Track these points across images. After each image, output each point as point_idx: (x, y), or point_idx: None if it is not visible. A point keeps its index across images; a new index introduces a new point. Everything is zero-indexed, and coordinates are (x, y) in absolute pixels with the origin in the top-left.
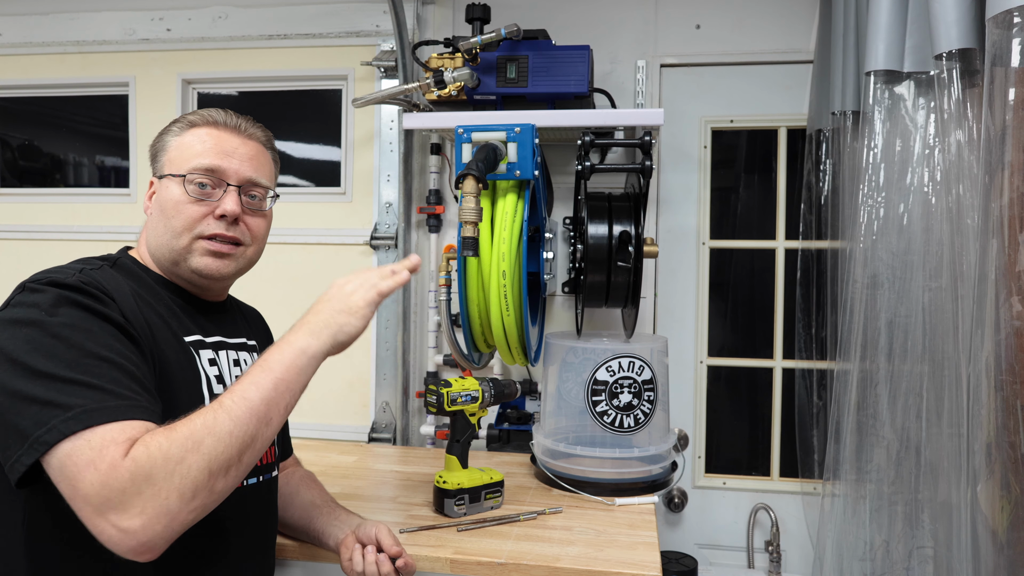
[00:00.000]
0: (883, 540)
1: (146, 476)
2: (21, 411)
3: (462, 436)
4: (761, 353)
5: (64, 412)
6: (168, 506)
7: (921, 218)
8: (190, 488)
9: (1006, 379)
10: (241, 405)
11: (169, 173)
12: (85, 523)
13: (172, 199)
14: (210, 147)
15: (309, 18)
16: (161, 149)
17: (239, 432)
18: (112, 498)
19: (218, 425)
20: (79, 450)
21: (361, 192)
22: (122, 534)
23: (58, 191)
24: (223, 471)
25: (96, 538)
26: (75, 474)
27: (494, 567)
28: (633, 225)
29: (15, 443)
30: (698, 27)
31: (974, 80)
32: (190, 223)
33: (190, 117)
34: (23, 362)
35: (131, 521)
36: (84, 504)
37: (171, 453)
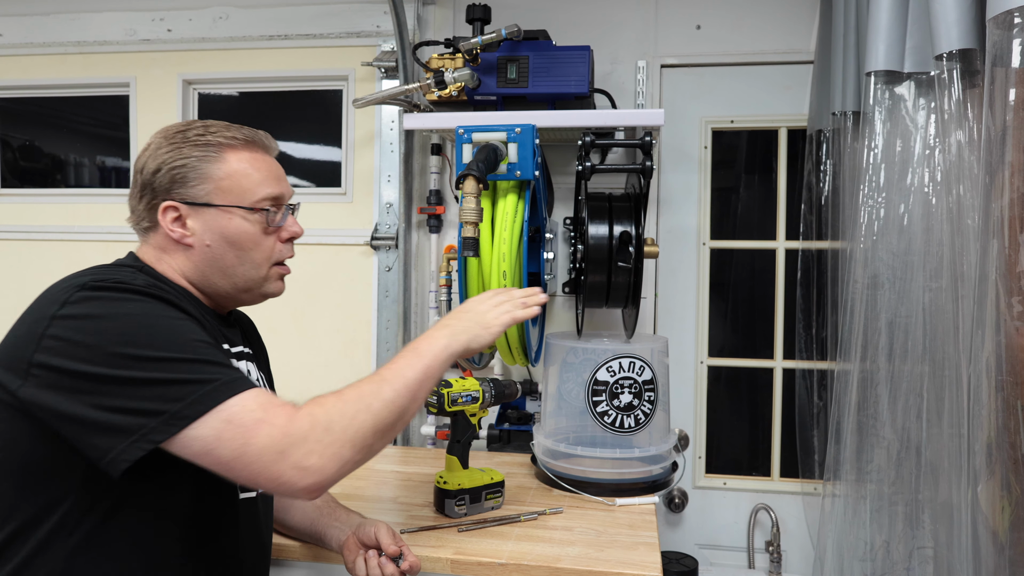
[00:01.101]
0: (884, 540)
1: (325, 427)
2: (140, 394)
3: (463, 436)
4: (761, 353)
5: (203, 386)
6: (342, 454)
7: (921, 218)
8: (360, 441)
9: (1006, 379)
10: (400, 380)
11: (230, 204)
12: (254, 476)
13: (245, 232)
14: (265, 174)
15: (310, 18)
16: (189, 175)
17: (398, 402)
18: (295, 443)
19: (383, 393)
20: (239, 416)
21: (362, 192)
22: (302, 472)
23: (59, 191)
24: (382, 433)
25: (267, 486)
26: (244, 434)
27: (495, 567)
28: (633, 225)
29: (128, 428)
30: (698, 27)
31: (974, 80)
32: (269, 253)
33: (215, 138)
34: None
35: (311, 461)
36: (259, 456)
37: (346, 410)
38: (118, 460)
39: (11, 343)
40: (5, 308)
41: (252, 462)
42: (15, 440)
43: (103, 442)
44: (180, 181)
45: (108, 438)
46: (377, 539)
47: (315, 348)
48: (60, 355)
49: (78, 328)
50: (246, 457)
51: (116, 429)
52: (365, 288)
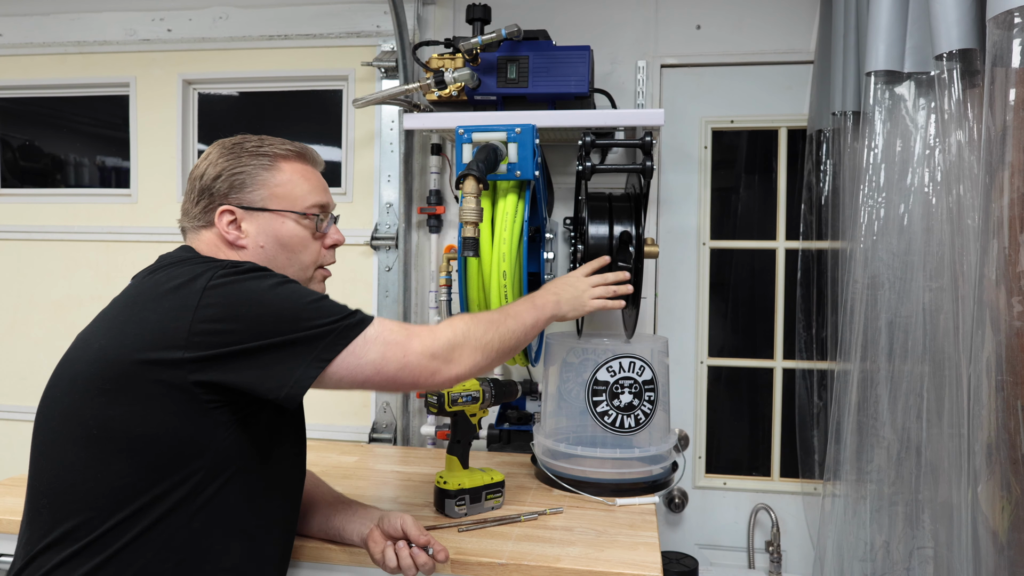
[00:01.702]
0: (884, 540)
1: (464, 335)
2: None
3: (463, 436)
4: (761, 353)
5: (352, 316)
6: (476, 356)
7: (921, 218)
8: (489, 350)
9: (1006, 379)
10: (519, 320)
11: (284, 209)
12: (416, 377)
13: (296, 235)
14: (315, 184)
15: (310, 18)
16: (249, 180)
17: (516, 334)
18: (442, 346)
19: (507, 323)
20: (393, 335)
21: (361, 192)
22: (449, 365)
23: (59, 191)
24: (502, 352)
25: (422, 383)
26: (403, 347)
27: (495, 567)
28: (634, 225)
29: (306, 350)
30: (698, 27)
31: (974, 80)
32: (316, 257)
33: (272, 149)
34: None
35: (454, 355)
36: (418, 362)
37: (480, 327)
38: (301, 382)
39: (152, 327)
40: (5, 308)
41: (413, 368)
42: (157, 429)
43: (283, 371)
44: (238, 187)
45: (286, 368)
46: (404, 530)
47: None
48: (223, 313)
49: (231, 293)
50: (408, 366)
51: (292, 359)
52: (365, 288)
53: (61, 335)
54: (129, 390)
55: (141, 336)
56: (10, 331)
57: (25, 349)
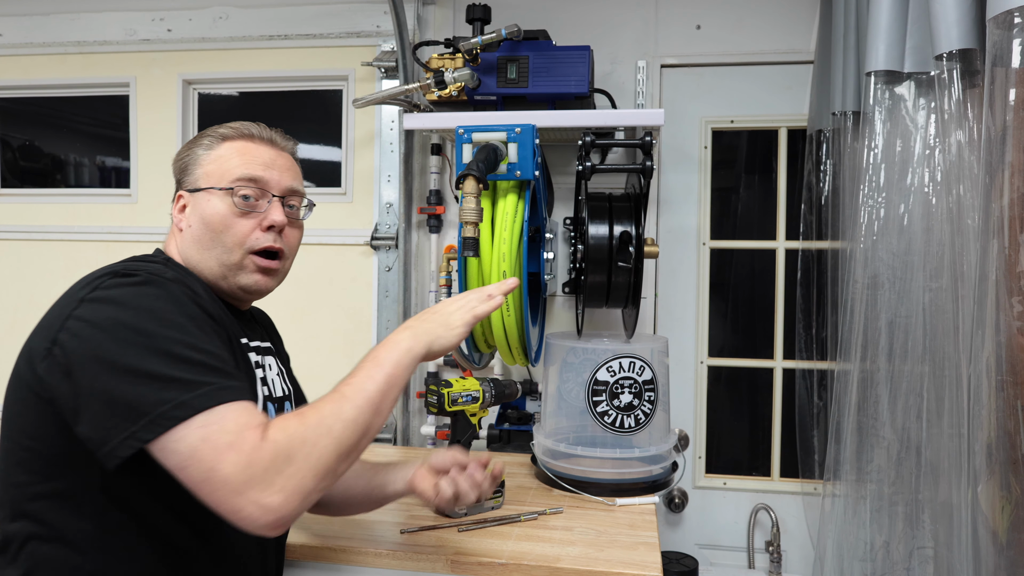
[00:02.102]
0: (884, 540)
1: (287, 457)
2: (138, 388)
3: (463, 436)
4: (761, 353)
5: (193, 389)
6: (304, 485)
7: (921, 218)
8: (323, 469)
9: (1006, 379)
10: (361, 396)
11: (210, 186)
12: (217, 504)
13: (218, 213)
14: (249, 159)
15: (310, 18)
16: (192, 162)
17: (361, 420)
18: (255, 476)
19: (344, 412)
20: (215, 434)
21: (362, 192)
22: (263, 511)
23: (59, 191)
24: (347, 455)
25: (228, 517)
26: (214, 457)
27: (495, 567)
28: (634, 225)
29: (124, 420)
30: (698, 27)
31: (974, 80)
32: (241, 238)
33: (221, 130)
34: (138, 339)
35: (272, 498)
36: (222, 485)
37: (307, 436)
38: (111, 456)
39: (41, 328)
40: (5, 308)
41: (216, 490)
42: (44, 429)
43: (100, 434)
44: (185, 171)
45: (104, 431)
46: (457, 461)
47: (315, 348)
48: (78, 336)
49: (99, 311)
50: (211, 483)
51: (112, 422)
52: (365, 288)
53: None
54: (19, 397)
55: (30, 342)
56: (10, 331)
57: None
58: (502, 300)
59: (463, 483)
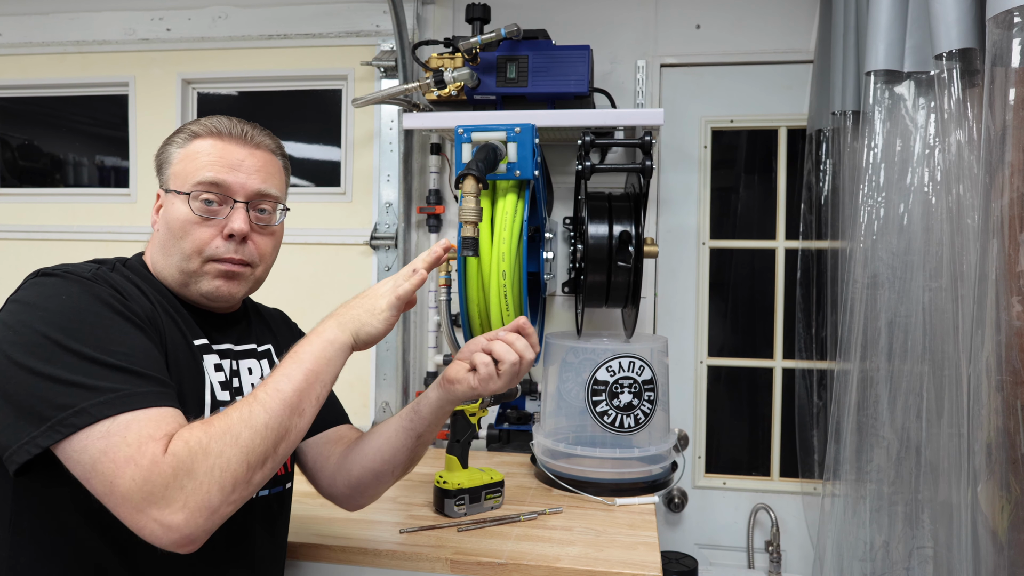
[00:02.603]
0: (883, 540)
1: (187, 471)
2: (41, 391)
3: (462, 436)
4: (761, 353)
5: (95, 395)
6: (209, 500)
7: (921, 218)
8: (230, 481)
9: (1006, 379)
10: (275, 397)
11: (173, 189)
12: (123, 519)
13: (179, 218)
14: (214, 159)
15: (309, 18)
16: (165, 161)
17: (274, 424)
18: (155, 493)
19: (254, 418)
20: (115, 446)
21: (361, 192)
22: (165, 529)
23: (58, 191)
24: (260, 463)
25: (136, 534)
26: (113, 471)
27: (494, 567)
28: (633, 225)
29: (27, 424)
30: (698, 27)
31: (974, 80)
32: (199, 245)
33: (193, 127)
34: (45, 341)
35: (174, 516)
36: (122, 501)
37: (211, 448)
38: (10, 461)
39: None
40: None
41: (117, 505)
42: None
43: (1, 438)
44: (159, 170)
45: (6, 433)
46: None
47: None
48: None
49: (14, 312)
50: (111, 498)
51: (13, 423)
52: (364, 288)
53: None
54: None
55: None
56: None
57: None
58: (425, 274)
59: (497, 347)
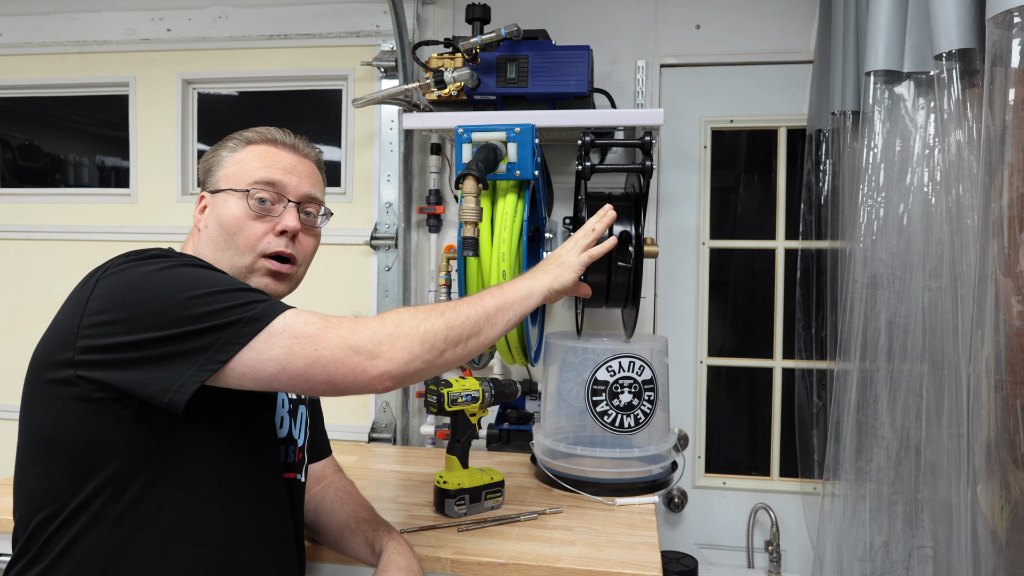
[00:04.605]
0: (883, 540)
1: (395, 323)
2: (200, 319)
3: (462, 436)
4: (761, 353)
5: (251, 307)
6: (412, 347)
7: (921, 218)
8: (429, 340)
9: (1006, 379)
10: (476, 303)
11: (228, 188)
12: (329, 378)
13: (233, 215)
14: (269, 162)
15: (309, 18)
16: (216, 164)
17: (473, 317)
18: (366, 337)
19: (459, 307)
20: (303, 331)
21: (361, 192)
22: (373, 360)
23: (58, 191)
24: (455, 341)
25: (341, 383)
26: (314, 345)
27: (495, 567)
28: (633, 225)
29: (194, 351)
30: (698, 27)
31: (974, 80)
32: (253, 241)
33: (247, 134)
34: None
35: (382, 349)
36: (332, 356)
37: (417, 314)
38: (186, 387)
39: (58, 323)
40: (4, 308)
41: (327, 364)
42: (64, 418)
43: (168, 374)
44: (208, 172)
45: (173, 369)
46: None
47: None
48: (108, 308)
49: (122, 282)
50: (320, 361)
51: (180, 359)
52: (365, 288)
53: None
54: (38, 392)
55: (47, 336)
56: (10, 331)
57: (25, 349)
58: (602, 231)
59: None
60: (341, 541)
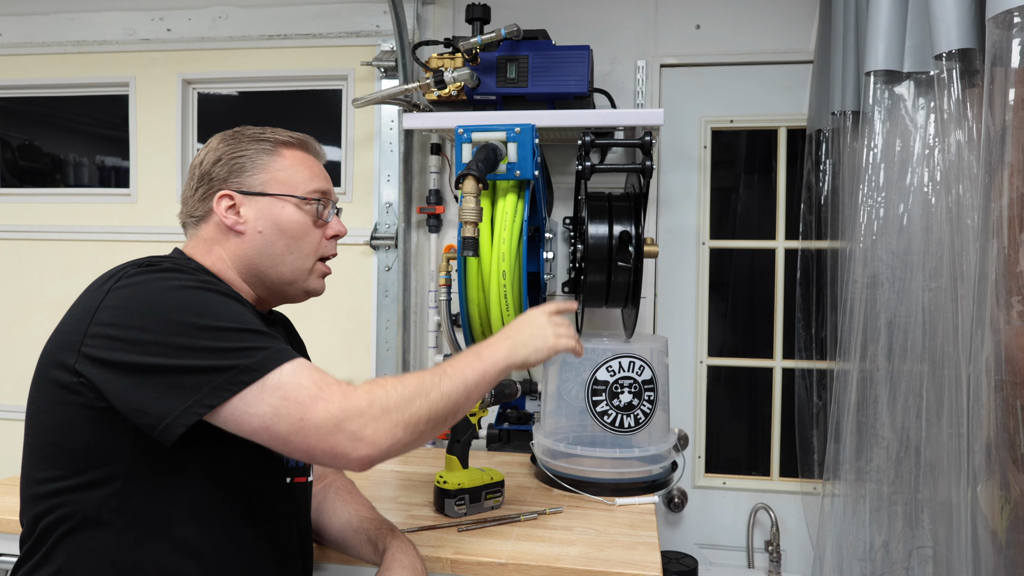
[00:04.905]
0: (883, 540)
1: (383, 406)
2: (197, 358)
3: (462, 436)
4: (761, 353)
5: (251, 354)
6: (396, 433)
7: (921, 218)
8: (413, 423)
9: (1006, 379)
10: (458, 377)
11: (284, 194)
12: (310, 450)
13: (298, 222)
14: (316, 171)
15: (309, 18)
16: (249, 164)
17: (454, 396)
18: (352, 416)
19: (443, 385)
20: (295, 392)
21: (361, 192)
22: (356, 443)
23: (58, 191)
24: (435, 423)
25: (321, 457)
26: (301, 410)
27: (495, 567)
28: (633, 225)
29: (185, 391)
30: (698, 27)
31: (974, 80)
32: (315, 246)
33: (277, 136)
34: (182, 321)
35: (366, 433)
36: (315, 431)
37: (404, 393)
38: (173, 426)
39: (65, 325)
40: (5, 308)
41: (310, 435)
42: (69, 424)
43: (158, 408)
44: (237, 171)
45: (163, 404)
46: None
47: (315, 348)
48: (114, 322)
49: (132, 297)
50: (304, 431)
51: (171, 394)
52: (365, 288)
53: None
54: (44, 395)
55: (54, 340)
56: (10, 331)
57: (25, 349)
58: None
59: None
60: (343, 540)
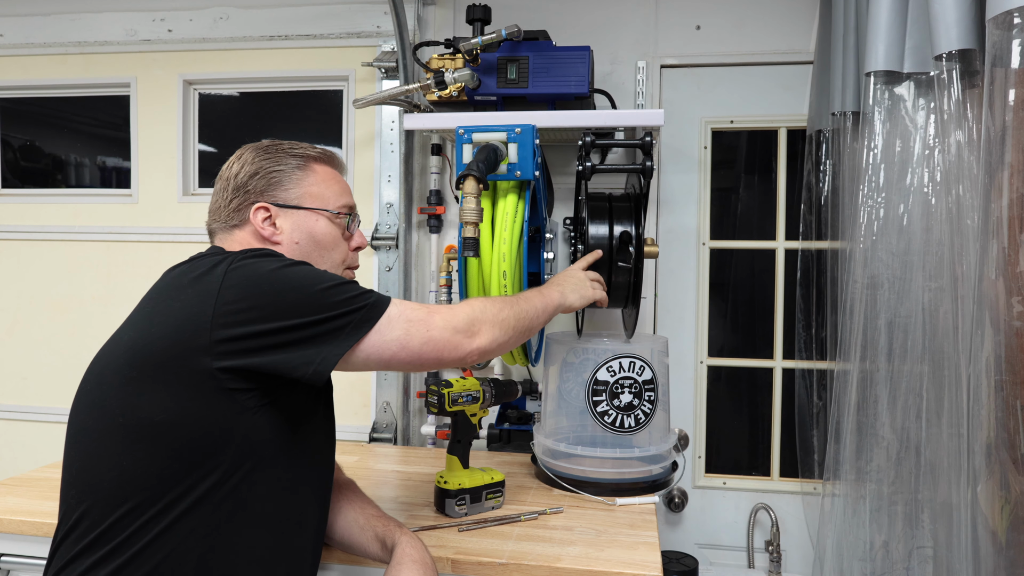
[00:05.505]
0: (883, 540)
1: (482, 311)
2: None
3: (463, 436)
4: (761, 353)
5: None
6: (495, 332)
7: (921, 218)
8: (506, 325)
9: (1006, 379)
10: (529, 303)
11: (319, 208)
12: (440, 352)
13: (329, 234)
14: (344, 187)
15: (310, 19)
16: (283, 179)
17: (530, 314)
18: (462, 321)
19: (520, 303)
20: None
21: (362, 192)
22: (471, 339)
23: (59, 192)
24: (518, 329)
25: (447, 357)
26: (425, 323)
27: (495, 567)
28: (634, 225)
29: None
30: (698, 28)
31: (974, 81)
32: (344, 256)
33: (309, 152)
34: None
35: (475, 329)
36: (440, 336)
37: (495, 304)
38: (328, 361)
39: (177, 314)
40: (5, 308)
41: (437, 342)
42: (182, 415)
43: (310, 352)
44: (274, 185)
45: (313, 347)
46: None
47: None
48: (244, 293)
49: (253, 274)
50: (432, 341)
51: (319, 337)
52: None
53: (61, 335)
54: (155, 378)
55: (166, 324)
56: (10, 331)
57: (25, 349)
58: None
59: None
60: (349, 537)
